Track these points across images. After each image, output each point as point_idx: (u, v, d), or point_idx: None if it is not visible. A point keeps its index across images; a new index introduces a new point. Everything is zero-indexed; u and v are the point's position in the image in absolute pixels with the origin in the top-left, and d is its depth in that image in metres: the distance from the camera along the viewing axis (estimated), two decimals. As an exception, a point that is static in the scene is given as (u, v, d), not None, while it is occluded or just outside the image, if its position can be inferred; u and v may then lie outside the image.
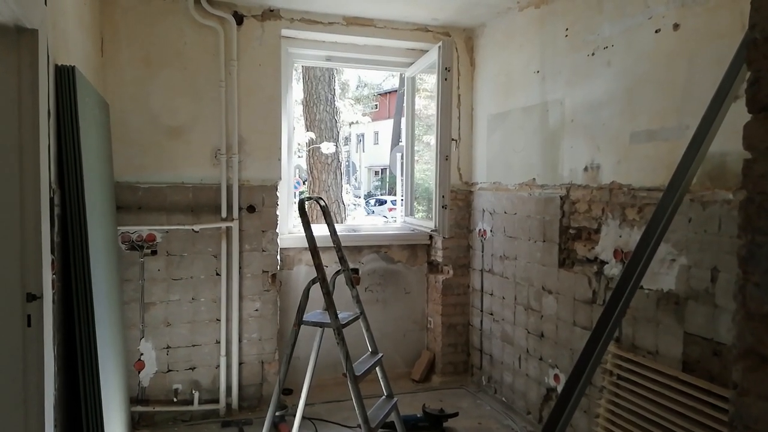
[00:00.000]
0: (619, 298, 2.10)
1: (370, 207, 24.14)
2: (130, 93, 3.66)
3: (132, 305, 3.73)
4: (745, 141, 1.14)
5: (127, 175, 3.67)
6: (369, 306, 4.43)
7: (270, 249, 3.99)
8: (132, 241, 3.70)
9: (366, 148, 32.08)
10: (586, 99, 3.26)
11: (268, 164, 3.96)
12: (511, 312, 4.02)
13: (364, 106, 27.02)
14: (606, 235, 3.13)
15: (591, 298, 3.24)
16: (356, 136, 31.60)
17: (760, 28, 1.09)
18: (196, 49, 3.77)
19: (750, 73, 1.12)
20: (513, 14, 3.93)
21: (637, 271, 2.00)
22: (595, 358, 2.06)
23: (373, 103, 29.57)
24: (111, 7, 3.59)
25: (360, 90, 28.01)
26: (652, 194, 2.80)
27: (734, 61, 1.91)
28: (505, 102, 4.08)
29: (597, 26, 3.16)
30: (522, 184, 3.87)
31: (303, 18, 4.01)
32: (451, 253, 4.54)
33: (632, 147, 2.93)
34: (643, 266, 1.99)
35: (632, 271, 2.07)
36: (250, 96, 3.90)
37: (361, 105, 26.36)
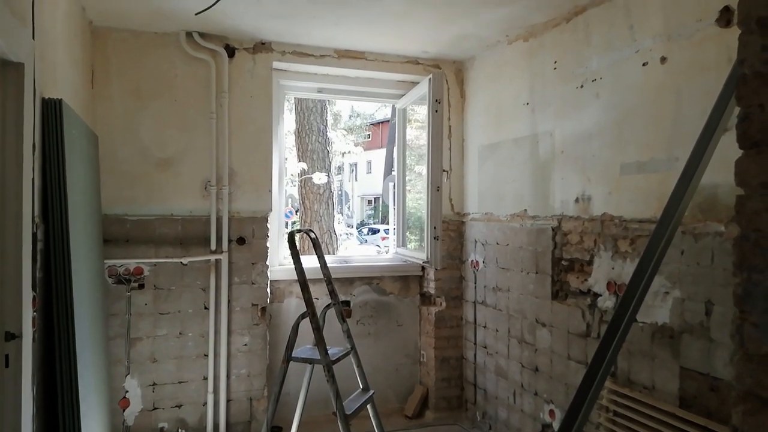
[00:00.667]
0: (614, 333, 2.05)
1: (363, 236, 24.09)
2: (120, 125, 3.64)
3: (117, 341, 3.64)
4: (737, 177, 1.12)
5: (115, 208, 3.63)
6: (361, 339, 4.36)
7: (260, 282, 3.93)
8: (119, 274, 3.63)
9: (359, 177, 32.19)
10: (576, 130, 3.27)
11: (258, 196, 3.93)
12: (505, 345, 3.96)
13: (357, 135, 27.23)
14: (599, 267, 3.10)
15: (585, 332, 3.19)
16: (349, 165, 31.75)
17: (748, 64, 1.09)
18: (187, 81, 3.77)
19: (740, 108, 1.11)
20: (502, 47, 3.98)
21: (632, 305, 1.96)
22: (592, 396, 2.00)
23: (366, 132, 29.81)
24: (102, 41, 3.60)
25: (353, 120, 28.28)
26: (643, 226, 2.79)
27: (722, 94, 1.91)
28: (495, 133, 4.09)
29: (585, 59, 3.19)
30: (514, 215, 3.85)
31: (295, 51, 4.04)
32: (444, 285, 4.49)
33: (623, 178, 2.93)
34: (638, 300, 1.96)
35: (627, 305, 2.03)
36: (241, 128, 3.90)
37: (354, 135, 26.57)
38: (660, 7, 2.71)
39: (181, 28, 3.68)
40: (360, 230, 25.70)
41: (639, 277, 2.00)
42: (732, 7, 2.35)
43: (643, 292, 1.95)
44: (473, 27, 3.62)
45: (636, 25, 2.85)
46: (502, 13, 3.36)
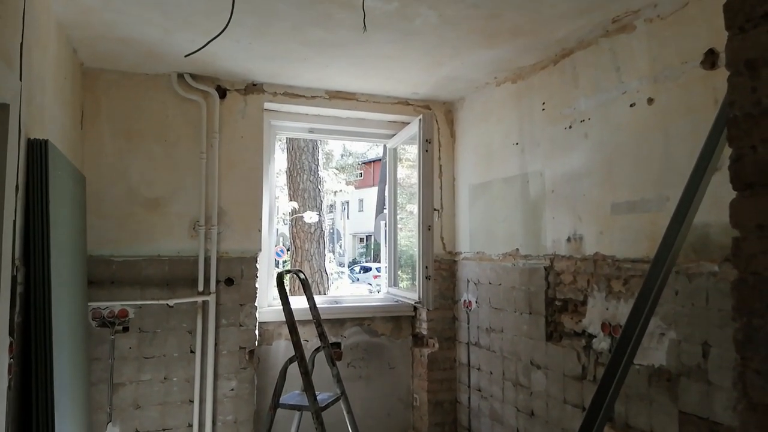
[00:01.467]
0: (612, 377, 2.00)
1: (354, 274, 23.92)
2: (108, 165, 3.62)
3: (100, 386, 3.51)
4: (732, 219, 1.10)
5: (101, 249, 3.56)
6: (351, 383, 4.25)
7: (248, 323, 3.84)
8: (103, 317, 3.54)
9: (351, 216, 32.23)
10: (566, 170, 3.28)
11: (248, 235, 3.89)
12: (500, 388, 3.87)
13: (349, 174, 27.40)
14: (593, 307, 3.06)
15: (581, 374, 3.12)
16: (341, 203, 31.82)
17: (738, 106, 1.08)
18: (178, 121, 3.77)
19: (732, 150, 1.10)
20: (491, 89, 4.03)
21: (629, 348, 1.92)
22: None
23: (358, 171, 30.01)
24: (93, 82, 3.61)
25: (345, 159, 28.50)
26: (636, 266, 2.76)
27: (711, 135, 1.92)
28: (486, 173, 4.10)
29: (573, 100, 3.23)
30: (506, 254, 3.82)
31: (286, 92, 4.07)
32: (437, 325, 4.42)
33: (614, 218, 2.92)
34: (635, 343, 1.91)
35: (624, 348, 1.99)
36: (231, 168, 3.88)
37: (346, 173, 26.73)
38: (645, 49, 2.75)
39: (173, 69, 3.70)
40: (352, 269, 25.55)
41: (635, 318, 1.96)
42: (717, 50, 2.39)
43: (640, 334, 1.91)
44: (462, 69, 3.67)
45: (622, 67, 2.90)
46: (490, 56, 3.42)
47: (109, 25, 2.94)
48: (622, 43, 2.90)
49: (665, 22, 2.65)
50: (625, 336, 1.97)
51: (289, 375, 2.87)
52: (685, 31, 2.55)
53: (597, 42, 3.06)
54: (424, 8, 2.72)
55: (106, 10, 2.76)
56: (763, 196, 1.03)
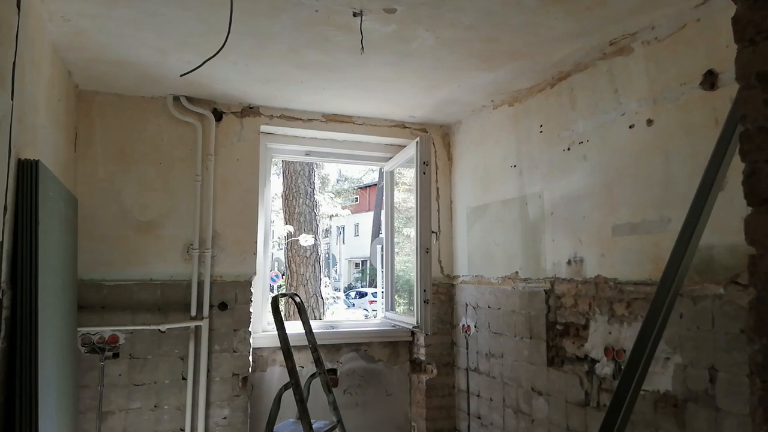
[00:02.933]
0: (619, 407, 1.93)
1: (350, 299, 23.71)
2: (101, 188, 3.57)
3: (88, 415, 3.40)
4: (748, 236, 1.06)
5: (92, 273, 3.49)
6: (348, 410, 4.15)
7: (242, 349, 3.75)
8: (93, 343, 3.45)
9: (347, 240, 32.13)
10: (565, 192, 3.25)
11: (242, 259, 3.82)
12: (500, 416, 3.77)
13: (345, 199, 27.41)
14: (595, 331, 3.00)
15: (584, 400, 3.04)
16: (337, 228, 31.76)
17: (750, 119, 1.05)
18: (173, 144, 3.74)
19: (745, 165, 1.06)
20: (488, 112, 4.02)
21: (636, 377, 1.85)
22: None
23: (354, 196, 30.05)
24: (88, 104, 3.58)
25: (341, 183, 28.56)
26: (639, 288, 2.71)
27: (714, 154, 1.89)
28: (483, 195, 4.07)
29: (571, 122, 3.22)
30: (505, 277, 3.77)
31: (282, 115, 4.05)
32: (435, 351, 4.33)
33: (615, 240, 2.88)
34: (643, 370, 1.85)
35: (631, 375, 1.92)
36: (226, 190, 3.84)
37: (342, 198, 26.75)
38: (644, 71, 2.75)
39: (169, 92, 3.68)
40: (347, 293, 25.35)
41: (642, 344, 1.90)
42: (716, 71, 2.38)
43: (648, 360, 1.85)
44: (459, 92, 3.67)
45: (620, 89, 2.89)
46: (488, 79, 3.41)
47: (103, 47, 2.93)
48: (620, 65, 2.90)
49: (663, 44, 2.65)
50: (632, 362, 1.91)
51: (283, 403, 2.78)
52: (683, 53, 2.55)
53: (594, 64, 3.06)
54: (421, 30, 2.72)
55: (101, 32, 2.75)
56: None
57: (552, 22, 2.64)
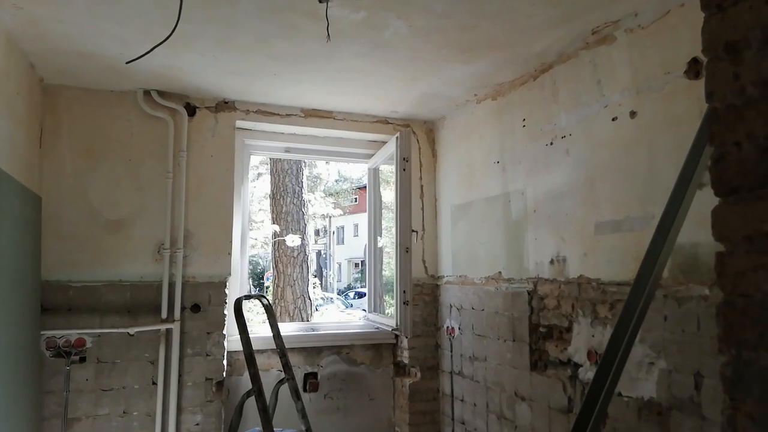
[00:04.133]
0: (590, 412, 1.80)
1: (349, 300, 23.53)
2: (68, 185, 3.43)
3: (53, 422, 3.27)
4: (715, 230, 0.93)
5: (58, 273, 3.35)
6: (329, 415, 4.02)
7: (215, 353, 3.61)
8: (58, 346, 3.31)
9: (345, 241, 31.98)
10: (548, 189, 3.11)
11: (216, 259, 3.68)
12: (484, 421, 3.63)
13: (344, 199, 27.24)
14: (578, 334, 2.86)
15: (567, 407, 2.90)
16: (336, 228, 31.62)
17: (719, 96, 0.91)
18: (143, 139, 3.60)
19: (713, 149, 0.93)
20: (471, 106, 3.89)
21: (608, 379, 1.72)
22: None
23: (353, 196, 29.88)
24: (54, 98, 3.45)
25: (340, 184, 28.39)
26: (622, 289, 2.58)
27: (694, 144, 1.76)
28: (468, 193, 3.93)
29: (553, 116, 3.08)
30: (488, 277, 3.63)
31: (259, 110, 3.92)
32: (419, 354, 4.19)
33: (598, 238, 2.74)
34: (616, 372, 1.72)
35: (603, 378, 1.79)
36: (200, 188, 3.70)
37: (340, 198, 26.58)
38: (627, 60, 2.62)
39: (139, 86, 3.54)
40: (346, 294, 25.18)
41: (615, 344, 1.77)
42: (701, 59, 2.25)
43: (621, 362, 1.72)
44: (440, 85, 3.53)
45: (603, 80, 2.76)
46: (468, 71, 3.28)
47: (63, 37, 2.79)
48: (603, 54, 2.76)
49: (646, 31, 2.52)
50: (605, 362, 1.78)
51: (252, 410, 2.64)
52: (667, 41, 2.41)
53: (577, 55, 2.92)
54: (392, 18, 2.58)
55: (58, 21, 2.61)
56: (752, 202, 0.86)
57: (530, 8, 2.51)
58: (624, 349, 1.71)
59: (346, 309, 21.54)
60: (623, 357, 1.72)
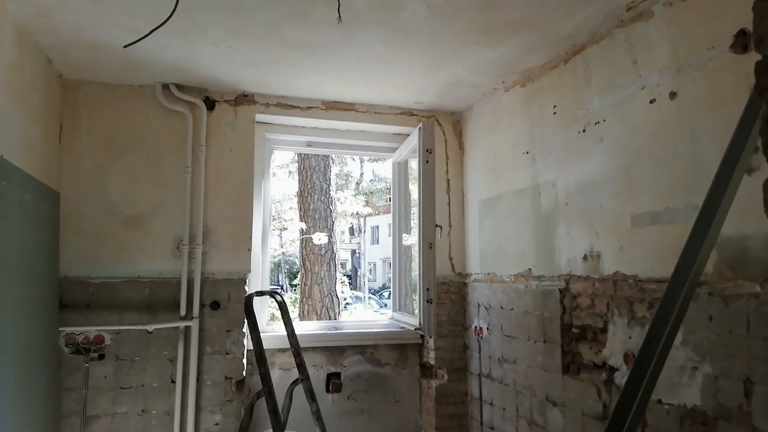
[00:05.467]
0: (623, 419, 1.60)
1: (383, 299, 23.43)
2: (87, 181, 3.41)
3: (72, 419, 3.25)
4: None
5: (76, 270, 3.33)
6: (352, 417, 3.90)
7: (235, 351, 3.53)
8: (77, 343, 3.29)
9: (380, 240, 31.91)
10: (580, 179, 2.90)
11: (236, 255, 3.60)
12: (513, 426, 3.44)
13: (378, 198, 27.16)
14: (613, 335, 2.65)
15: (602, 413, 2.70)
16: (371, 228, 31.59)
17: None
18: (162, 134, 3.55)
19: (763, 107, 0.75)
20: (499, 95, 3.70)
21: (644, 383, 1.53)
22: None
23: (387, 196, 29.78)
24: (73, 94, 3.43)
25: (374, 183, 28.31)
26: (662, 286, 2.35)
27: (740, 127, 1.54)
28: (495, 186, 3.74)
29: (586, 101, 2.87)
30: (517, 275, 3.44)
31: (279, 103, 3.82)
32: (445, 354, 4.02)
33: (635, 231, 2.52)
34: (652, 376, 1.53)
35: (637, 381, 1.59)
36: (219, 183, 3.63)
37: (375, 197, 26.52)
38: (666, 37, 2.39)
39: (157, 80, 3.50)
40: (381, 294, 25.10)
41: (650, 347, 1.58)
42: (749, 30, 2.02)
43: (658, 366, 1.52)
44: (465, 72, 3.36)
45: (640, 60, 2.53)
46: (493, 56, 3.09)
47: (75, 28, 2.75)
48: (639, 32, 2.54)
49: (687, 3, 2.29)
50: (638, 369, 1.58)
51: (266, 412, 2.53)
52: (710, 12, 2.18)
53: (611, 34, 2.71)
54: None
55: (67, 11, 2.56)
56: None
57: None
58: (661, 352, 1.52)
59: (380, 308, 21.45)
60: (660, 360, 1.52)
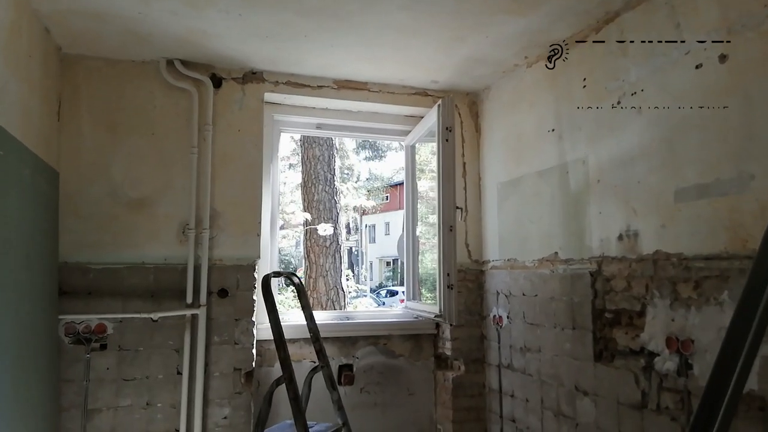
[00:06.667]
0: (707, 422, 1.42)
1: (381, 298, 23.29)
2: (88, 161, 3.22)
3: (72, 412, 3.06)
4: None
5: (77, 255, 3.14)
6: (365, 410, 3.72)
7: (244, 341, 3.35)
8: (78, 332, 3.10)
9: (377, 239, 31.76)
10: (615, 155, 2.74)
11: (245, 240, 3.42)
12: (538, 419, 3.27)
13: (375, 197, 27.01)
14: (653, 318, 2.48)
15: (640, 402, 2.53)
16: (367, 226, 31.45)
17: None
18: (167, 112, 3.37)
19: None
20: (520, 72, 3.53)
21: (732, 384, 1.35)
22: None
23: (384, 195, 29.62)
24: (73, 69, 3.24)
25: (371, 182, 28.16)
26: (711, 264, 2.20)
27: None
28: (516, 168, 3.58)
29: (620, 71, 2.71)
30: (542, 259, 3.27)
31: (289, 81, 3.64)
32: (462, 345, 3.85)
33: (679, 207, 2.36)
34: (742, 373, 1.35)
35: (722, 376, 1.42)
36: (226, 164, 3.45)
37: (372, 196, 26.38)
38: (714, -4, 2.23)
39: (161, 55, 3.31)
40: (378, 293, 24.95)
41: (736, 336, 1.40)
42: (814, -19, 1.86)
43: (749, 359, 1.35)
44: (487, 46, 3.19)
45: (683, 23, 2.37)
46: (520, 26, 2.93)
47: (75, -8, 2.56)
48: (682, -6, 2.38)
49: (739, -41, 2.13)
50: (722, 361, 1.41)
51: (283, 401, 2.36)
52: (767, -34, 2.02)
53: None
54: (438, -45, 2.26)
55: (68, -30, 2.38)
56: None
57: (598, -63, 2.15)
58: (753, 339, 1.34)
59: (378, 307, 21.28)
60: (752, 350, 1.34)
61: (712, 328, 2.19)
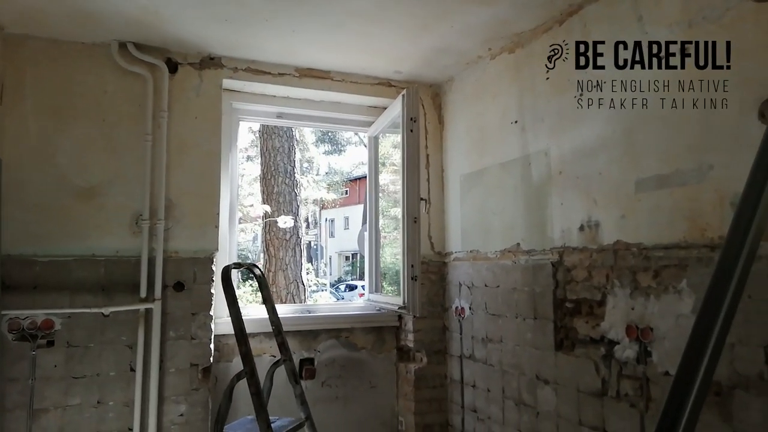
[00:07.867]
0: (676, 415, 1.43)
1: (340, 293, 23.21)
2: (32, 148, 3.04)
3: (17, 413, 2.89)
4: None
5: (21, 247, 2.97)
6: (326, 404, 3.67)
7: (201, 336, 3.24)
8: (23, 328, 2.92)
9: (336, 234, 31.62)
10: (577, 146, 2.77)
11: (202, 232, 3.31)
12: (499, 408, 3.30)
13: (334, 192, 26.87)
14: (613, 307, 2.52)
15: (600, 389, 2.57)
16: (326, 220, 31.27)
17: None
18: (119, 98, 3.21)
19: None
20: (484, 63, 3.53)
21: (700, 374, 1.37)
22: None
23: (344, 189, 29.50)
24: (16, 50, 3.04)
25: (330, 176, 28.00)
26: (671, 253, 2.24)
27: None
28: (479, 160, 3.58)
29: (583, 63, 2.73)
30: (504, 251, 3.29)
31: (248, 68, 3.53)
32: (424, 337, 3.84)
33: (639, 197, 2.40)
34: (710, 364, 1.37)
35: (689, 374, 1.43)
36: (182, 153, 3.32)
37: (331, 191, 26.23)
38: (674, -10, 2.27)
39: (113, 37, 3.15)
40: (337, 287, 24.86)
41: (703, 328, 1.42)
42: (770, -24, 1.90)
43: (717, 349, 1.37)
44: (452, 36, 3.17)
45: (646, 16, 2.41)
46: (485, 16, 2.92)
47: (19, -35, 2.40)
48: (644, -13, 2.41)
49: (699, -47, 2.17)
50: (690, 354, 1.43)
51: (242, 397, 2.28)
52: (726, -39, 2.07)
53: (612, -9, 2.57)
54: (405, -61, 2.22)
55: (10, -60, 2.22)
56: None
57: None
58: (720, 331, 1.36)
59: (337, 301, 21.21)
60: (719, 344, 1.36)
61: (671, 316, 2.24)
